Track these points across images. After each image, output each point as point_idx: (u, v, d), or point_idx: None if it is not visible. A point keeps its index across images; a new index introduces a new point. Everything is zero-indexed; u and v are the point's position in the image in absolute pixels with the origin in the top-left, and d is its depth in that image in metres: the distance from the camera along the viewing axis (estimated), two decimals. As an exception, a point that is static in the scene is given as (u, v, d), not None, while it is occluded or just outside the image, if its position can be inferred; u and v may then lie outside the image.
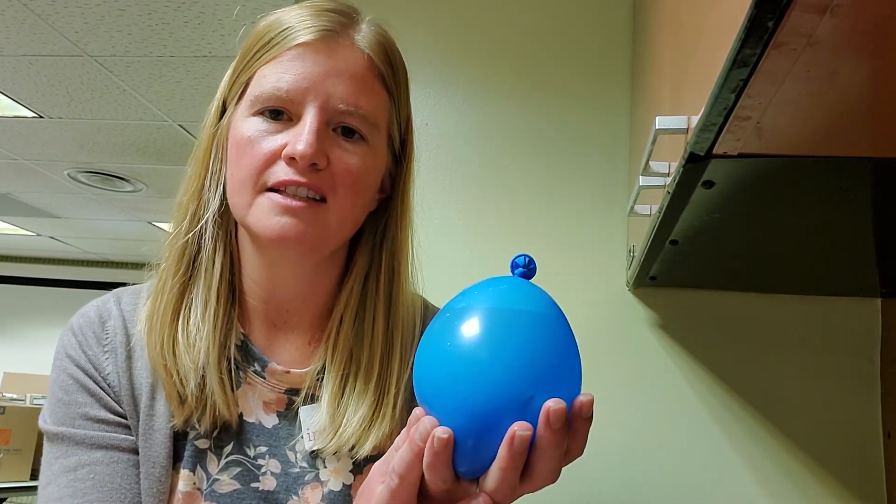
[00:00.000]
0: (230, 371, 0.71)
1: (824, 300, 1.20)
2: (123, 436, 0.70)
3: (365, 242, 0.77)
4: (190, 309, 0.71)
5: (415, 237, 0.80)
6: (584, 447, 0.49)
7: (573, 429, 0.48)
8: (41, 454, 0.73)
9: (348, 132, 0.70)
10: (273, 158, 0.68)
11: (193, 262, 0.73)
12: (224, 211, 0.74)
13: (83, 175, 4.15)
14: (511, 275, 0.55)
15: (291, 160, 0.67)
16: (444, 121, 1.38)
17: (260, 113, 0.69)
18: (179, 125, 3.26)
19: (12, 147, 3.77)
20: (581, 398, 0.48)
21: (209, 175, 0.73)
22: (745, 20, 0.42)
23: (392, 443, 0.72)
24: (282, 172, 0.67)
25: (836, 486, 1.15)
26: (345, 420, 0.71)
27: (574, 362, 0.51)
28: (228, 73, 0.75)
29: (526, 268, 0.55)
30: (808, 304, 1.20)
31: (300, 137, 0.66)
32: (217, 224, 0.73)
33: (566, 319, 0.53)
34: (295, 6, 0.73)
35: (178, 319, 0.71)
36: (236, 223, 0.75)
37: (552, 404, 0.46)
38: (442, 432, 0.47)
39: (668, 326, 1.24)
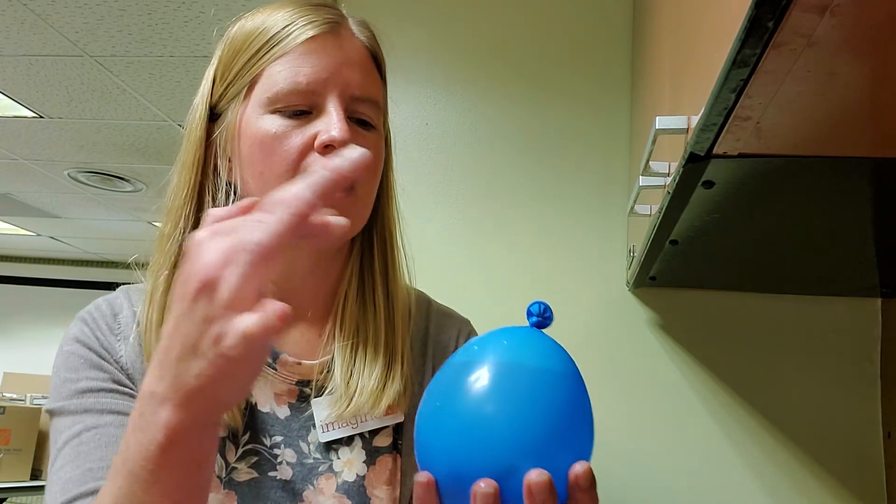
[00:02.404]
0: None
1: (824, 300, 1.20)
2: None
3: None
4: None
5: (406, 225, 0.81)
6: None
7: (573, 499, 0.45)
8: (41, 454, 0.71)
9: (360, 120, 0.72)
10: (306, 150, 0.68)
11: None
12: None
13: (83, 175, 4.15)
14: (527, 324, 0.51)
15: (326, 148, 0.67)
16: (444, 121, 1.38)
17: (278, 110, 0.69)
18: (179, 125, 3.26)
19: (12, 147, 3.77)
20: (576, 468, 0.45)
21: (210, 180, 0.73)
22: (745, 20, 0.42)
23: (406, 402, 0.74)
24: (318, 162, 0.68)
25: (836, 486, 1.15)
26: (359, 387, 0.72)
27: (578, 424, 0.46)
28: (213, 75, 0.75)
29: (540, 316, 0.50)
30: (808, 304, 1.20)
31: (332, 125, 0.67)
32: None
33: (578, 375, 0.48)
34: (279, 6, 0.73)
35: None
36: None
37: (533, 476, 0.43)
38: (421, 476, 0.47)
39: (668, 326, 1.24)
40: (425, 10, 1.42)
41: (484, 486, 0.44)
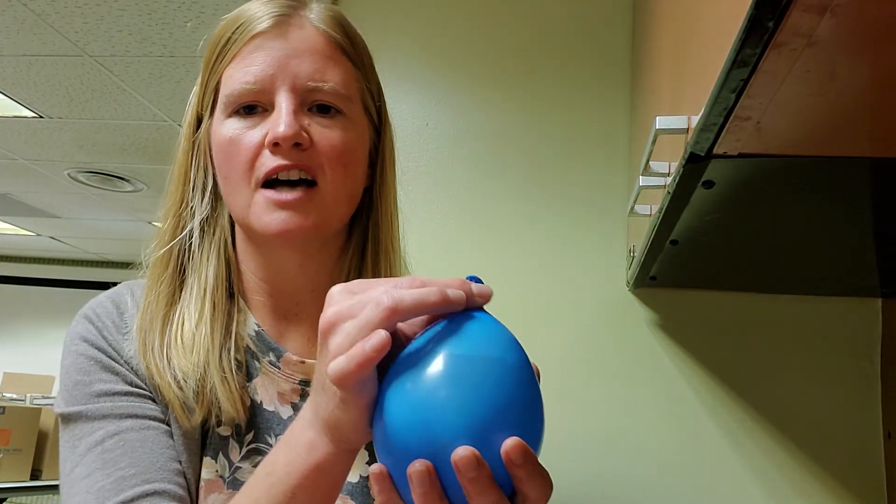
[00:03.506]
0: (234, 367, 0.71)
1: (824, 300, 1.20)
2: (153, 406, 0.68)
3: (357, 218, 0.77)
4: (184, 317, 0.71)
5: (407, 224, 0.80)
6: (543, 490, 0.46)
7: (513, 475, 0.45)
8: (41, 454, 0.71)
9: (324, 109, 0.70)
10: (258, 150, 0.68)
11: (182, 272, 0.73)
12: (214, 217, 0.74)
13: (83, 175, 4.15)
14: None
15: (275, 146, 0.67)
16: (444, 121, 1.38)
17: (235, 112, 0.70)
18: (179, 125, 3.26)
19: (12, 147, 3.77)
20: (505, 445, 0.44)
21: (191, 186, 0.74)
22: (745, 20, 0.42)
23: None
24: (269, 161, 0.67)
25: (836, 486, 1.15)
26: None
27: (517, 406, 0.46)
28: (197, 86, 0.76)
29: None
30: (808, 304, 1.20)
31: (279, 121, 0.67)
32: (205, 231, 0.74)
33: (519, 360, 0.48)
34: (244, 5, 0.73)
35: (169, 328, 0.70)
36: (232, 227, 0.76)
37: (459, 452, 0.44)
38: (374, 467, 0.48)
39: (668, 326, 1.24)
40: (425, 10, 1.42)
41: (418, 465, 0.44)
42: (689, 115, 0.63)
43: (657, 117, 0.67)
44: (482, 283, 0.52)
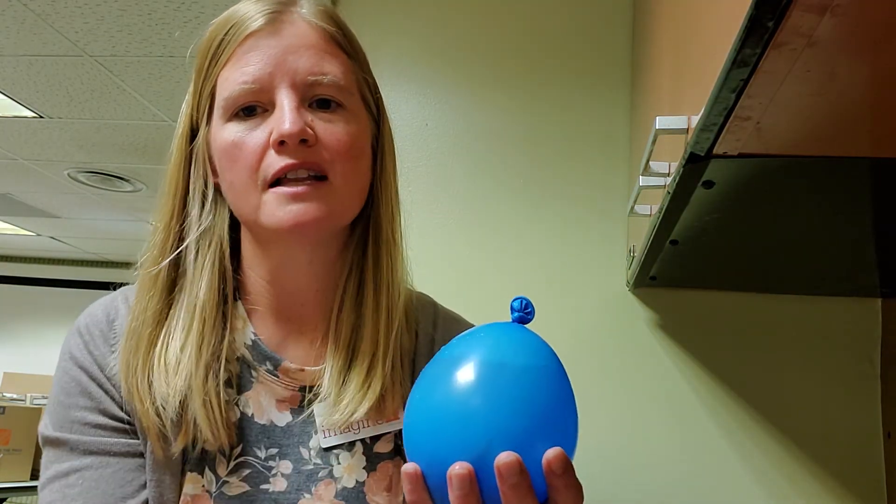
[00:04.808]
0: (223, 384, 0.70)
1: (824, 300, 1.20)
2: (116, 439, 0.69)
3: (360, 212, 0.76)
4: (172, 336, 0.69)
5: (407, 224, 0.79)
6: (575, 501, 0.47)
7: (550, 485, 0.46)
8: (41, 454, 0.72)
9: (324, 103, 0.69)
10: (264, 151, 0.67)
11: (172, 287, 0.72)
12: (211, 228, 0.72)
13: (83, 175, 4.15)
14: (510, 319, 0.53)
15: (281, 145, 0.66)
16: (444, 121, 1.38)
17: (235, 116, 0.69)
18: (179, 125, 3.26)
19: (12, 147, 3.76)
20: (548, 455, 0.45)
21: (191, 197, 0.73)
22: (745, 20, 0.42)
23: (384, 404, 0.73)
24: (276, 161, 0.66)
25: (836, 486, 1.15)
26: (350, 393, 0.70)
27: (557, 416, 0.47)
28: (189, 94, 0.74)
29: (521, 312, 0.52)
30: (808, 304, 1.20)
31: (282, 119, 0.66)
32: (200, 244, 0.72)
33: (559, 369, 0.49)
34: (233, 7, 0.72)
35: (155, 346, 0.69)
36: (231, 235, 0.74)
37: (503, 457, 0.44)
38: (408, 466, 0.48)
39: (668, 326, 1.24)
40: (425, 10, 1.42)
41: (458, 468, 0.45)
42: (689, 115, 0.63)
43: (657, 117, 0.67)
44: (530, 304, 0.52)
